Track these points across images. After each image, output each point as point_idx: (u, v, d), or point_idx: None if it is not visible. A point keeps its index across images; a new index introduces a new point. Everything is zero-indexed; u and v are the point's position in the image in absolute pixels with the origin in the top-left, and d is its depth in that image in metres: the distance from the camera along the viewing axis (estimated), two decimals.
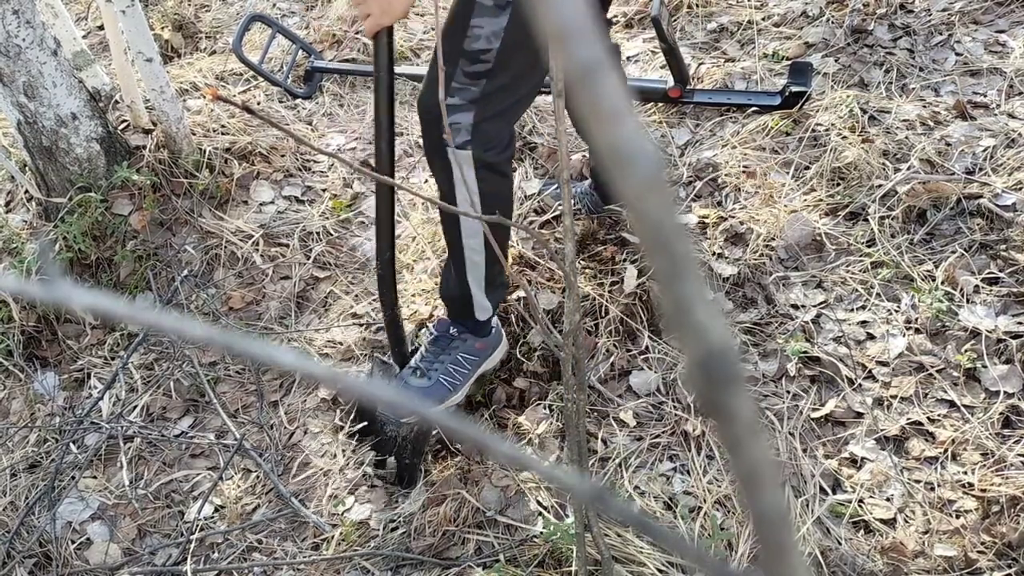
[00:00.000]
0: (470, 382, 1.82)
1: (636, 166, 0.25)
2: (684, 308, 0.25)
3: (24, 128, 2.14)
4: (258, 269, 2.26)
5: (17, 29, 1.97)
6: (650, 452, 1.73)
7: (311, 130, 2.70)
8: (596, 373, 1.88)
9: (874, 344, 1.83)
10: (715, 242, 2.07)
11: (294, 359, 0.30)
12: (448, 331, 1.79)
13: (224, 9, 3.29)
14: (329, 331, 2.11)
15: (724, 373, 0.26)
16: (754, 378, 1.83)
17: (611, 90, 0.24)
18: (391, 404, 0.30)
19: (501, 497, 1.67)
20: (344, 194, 2.47)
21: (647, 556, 1.53)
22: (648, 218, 0.25)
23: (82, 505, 1.83)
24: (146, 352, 2.13)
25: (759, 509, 0.28)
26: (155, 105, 2.28)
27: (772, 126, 2.32)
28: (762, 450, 0.27)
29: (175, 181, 2.33)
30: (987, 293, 1.86)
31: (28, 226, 2.30)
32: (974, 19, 2.53)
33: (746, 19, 2.73)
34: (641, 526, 0.31)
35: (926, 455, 1.64)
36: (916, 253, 1.97)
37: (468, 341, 1.79)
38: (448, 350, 1.79)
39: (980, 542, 1.49)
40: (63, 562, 1.73)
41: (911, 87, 2.37)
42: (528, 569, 1.54)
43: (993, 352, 1.76)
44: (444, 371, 1.77)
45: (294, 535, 1.72)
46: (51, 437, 1.97)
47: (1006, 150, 2.10)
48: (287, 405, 1.98)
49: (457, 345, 1.79)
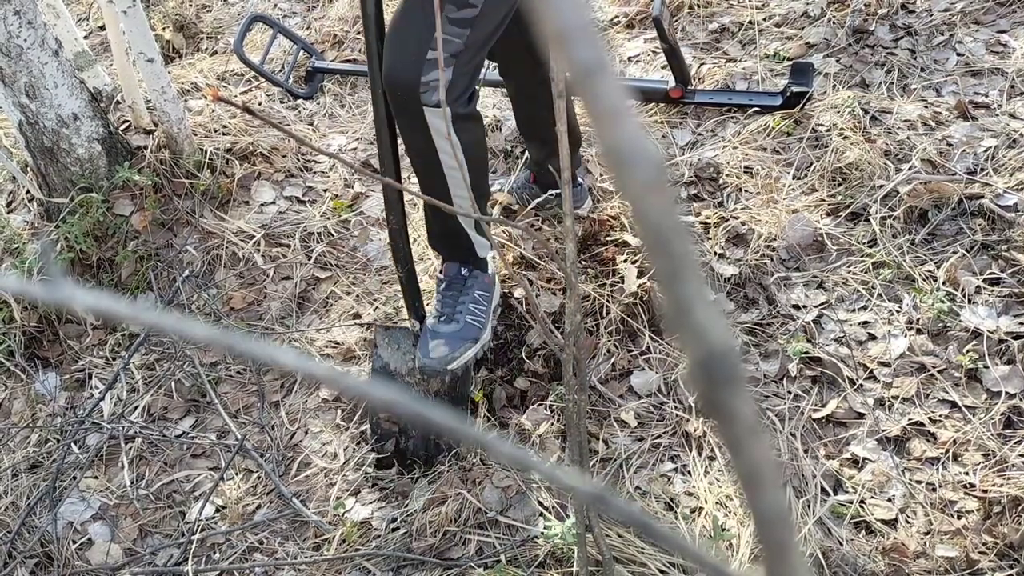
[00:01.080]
0: (491, 316, 1.84)
1: (637, 166, 0.25)
2: (685, 308, 0.25)
3: (26, 128, 2.14)
4: (259, 269, 2.26)
5: (19, 30, 1.97)
6: (651, 452, 1.73)
7: (312, 130, 2.70)
8: (597, 373, 1.88)
9: (875, 344, 1.83)
10: (716, 242, 2.07)
11: (295, 359, 0.30)
12: (459, 273, 1.80)
13: (225, 10, 3.29)
14: (330, 331, 2.11)
15: (725, 373, 0.26)
16: (755, 378, 1.83)
17: (611, 90, 0.24)
18: (392, 406, 0.30)
19: (502, 497, 1.67)
20: (345, 194, 2.47)
21: (648, 556, 1.53)
22: (649, 218, 0.25)
23: (83, 505, 1.83)
24: (147, 352, 2.13)
25: (760, 509, 0.28)
26: (156, 105, 2.28)
27: (773, 126, 2.32)
28: (763, 450, 0.27)
29: (176, 181, 2.33)
30: (988, 293, 1.85)
31: (29, 226, 2.30)
32: (975, 19, 2.53)
33: (747, 19, 2.73)
34: (642, 527, 0.31)
35: (927, 456, 1.64)
36: (917, 253, 1.97)
37: (478, 277, 1.81)
38: (464, 290, 1.79)
39: (982, 543, 1.49)
40: (64, 562, 1.73)
41: (912, 87, 2.37)
42: (529, 569, 1.54)
43: (995, 353, 1.75)
44: (468, 311, 1.78)
45: (295, 535, 1.72)
46: (52, 437, 1.97)
47: (1008, 150, 2.10)
48: (288, 405, 1.98)
49: (471, 284, 1.80)
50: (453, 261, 1.81)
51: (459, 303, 1.78)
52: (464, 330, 1.76)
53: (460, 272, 1.80)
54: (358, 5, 1.52)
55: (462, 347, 1.74)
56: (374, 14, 1.47)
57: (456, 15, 1.42)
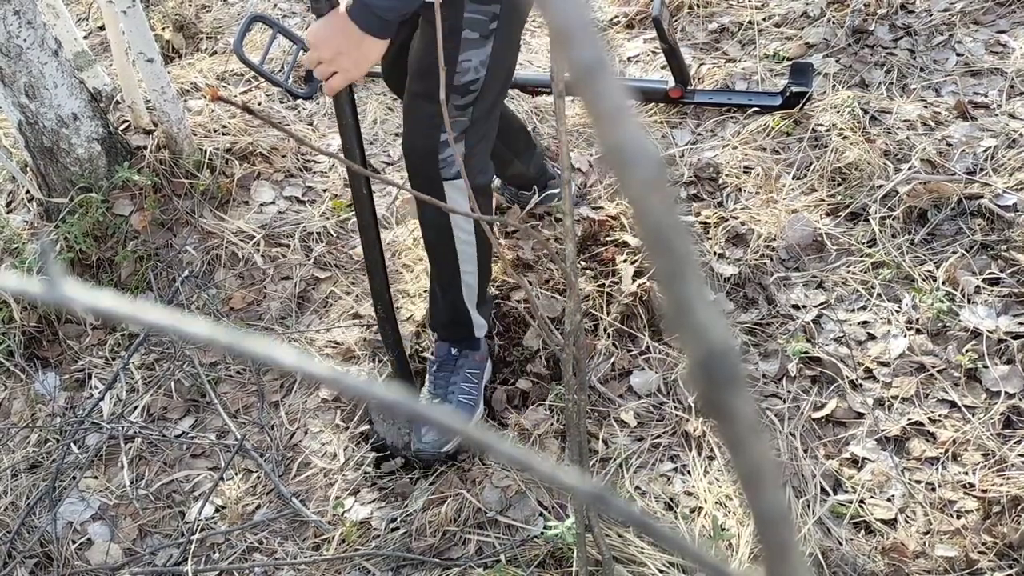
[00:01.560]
0: (482, 393, 1.87)
1: (637, 166, 0.25)
2: (685, 308, 0.25)
3: (25, 128, 2.14)
4: (259, 269, 2.26)
5: (18, 30, 1.97)
6: (651, 452, 1.73)
7: (312, 131, 2.70)
8: (597, 373, 1.88)
9: (875, 344, 1.83)
10: (716, 242, 2.07)
11: (295, 359, 0.30)
12: (449, 353, 1.84)
13: (225, 9, 3.29)
14: (330, 331, 2.11)
15: (725, 373, 0.26)
16: (755, 378, 1.83)
17: (612, 90, 0.24)
18: (394, 407, 0.30)
19: (502, 497, 1.67)
20: (345, 194, 2.47)
21: (648, 556, 1.53)
22: (650, 218, 0.25)
23: (83, 505, 1.83)
24: (147, 352, 2.13)
25: (760, 509, 0.28)
26: (156, 105, 2.28)
27: (773, 126, 2.32)
28: (763, 450, 0.27)
29: (176, 181, 2.33)
30: (988, 293, 1.85)
31: (29, 226, 2.30)
32: (975, 19, 2.53)
33: (747, 19, 2.73)
34: (642, 526, 0.31)
35: (927, 455, 1.64)
36: (917, 253, 1.97)
37: (469, 357, 1.84)
38: (455, 371, 1.83)
39: (981, 543, 1.49)
40: (64, 562, 1.73)
41: (912, 87, 2.37)
42: (529, 569, 1.53)
43: (994, 352, 1.76)
44: (460, 391, 1.82)
45: (295, 535, 1.72)
46: (52, 437, 1.97)
47: (1007, 150, 2.10)
48: (288, 405, 1.98)
49: (462, 363, 1.83)
50: (447, 341, 1.85)
51: (451, 383, 1.82)
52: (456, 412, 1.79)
53: (451, 352, 1.84)
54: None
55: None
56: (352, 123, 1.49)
57: (460, 102, 1.48)
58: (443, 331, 1.86)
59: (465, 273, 1.69)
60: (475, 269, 1.69)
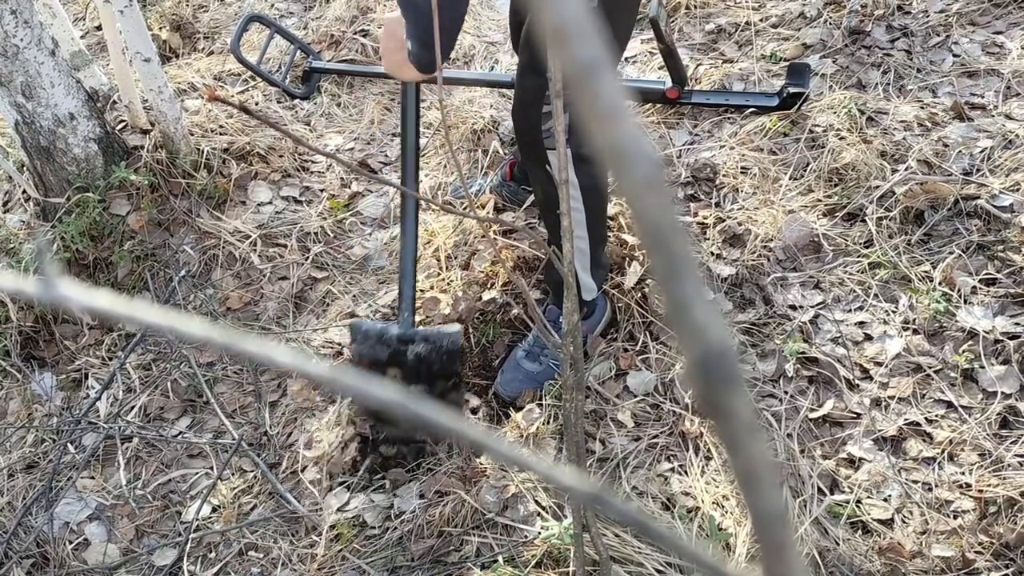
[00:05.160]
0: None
1: (635, 166, 0.25)
2: (682, 308, 0.25)
3: (22, 128, 2.13)
4: (256, 269, 2.26)
5: (15, 29, 1.96)
6: (648, 452, 1.73)
7: (309, 130, 2.70)
8: (594, 373, 1.88)
9: (872, 345, 1.83)
10: (713, 243, 2.07)
11: (292, 359, 0.30)
12: (558, 319, 1.86)
13: (222, 9, 3.29)
14: (327, 331, 2.11)
15: (723, 373, 0.26)
16: (752, 378, 1.83)
17: (610, 89, 0.24)
18: (389, 405, 0.30)
19: (500, 498, 1.67)
20: (342, 194, 2.47)
21: (645, 556, 1.53)
22: (647, 218, 0.25)
23: (80, 505, 1.83)
24: (144, 352, 2.13)
25: (758, 509, 0.28)
26: (153, 105, 2.28)
27: (770, 127, 2.32)
28: (761, 450, 0.27)
29: (173, 181, 2.33)
30: (984, 294, 1.86)
31: (26, 226, 2.30)
32: (971, 20, 2.53)
33: (744, 20, 2.74)
34: (639, 526, 0.31)
35: (924, 455, 1.64)
36: (914, 254, 1.97)
37: None
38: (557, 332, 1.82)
39: (978, 542, 1.49)
40: (60, 562, 1.73)
41: (909, 88, 2.37)
42: (526, 570, 1.53)
43: (991, 353, 1.76)
44: (552, 354, 1.88)
45: (291, 534, 1.72)
46: (49, 437, 1.97)
47: (1003, 151, 2.11)
48: (285, 405, 1.97)
49: None
50: (557, 305, 1.90)
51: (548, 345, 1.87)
52: (543, 372, 1.89)
53: (560, 318, 1.84)
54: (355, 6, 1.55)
55: (532, 386, 1.88)
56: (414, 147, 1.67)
57: None
58: (554, 295, 1.92)
59: (577, 238, 1.73)
60: (585, 234, 1.73)
